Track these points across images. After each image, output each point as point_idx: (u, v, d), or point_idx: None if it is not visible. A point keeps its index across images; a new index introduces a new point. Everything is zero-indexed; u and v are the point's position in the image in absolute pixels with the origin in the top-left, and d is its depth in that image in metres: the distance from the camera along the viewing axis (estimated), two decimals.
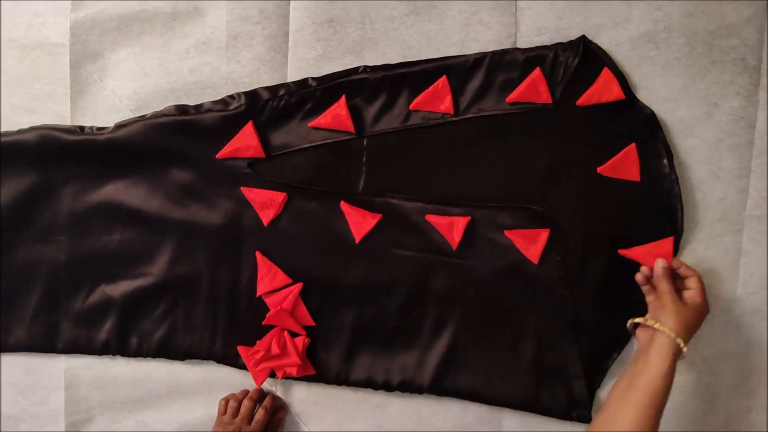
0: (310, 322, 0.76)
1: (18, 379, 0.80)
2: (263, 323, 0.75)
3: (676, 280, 0.68)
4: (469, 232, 0.73)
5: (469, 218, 0.73)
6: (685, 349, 0.62)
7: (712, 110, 0.73)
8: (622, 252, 0.72)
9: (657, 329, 0.63)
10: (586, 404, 0.75)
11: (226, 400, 0.77)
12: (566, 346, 0.74)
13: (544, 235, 0.73)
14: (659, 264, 0.68)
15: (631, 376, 0.62)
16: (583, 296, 0.74)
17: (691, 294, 0.66)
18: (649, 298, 0.70)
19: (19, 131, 0.76)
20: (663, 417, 0.76)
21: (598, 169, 0.73)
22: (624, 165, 0.72)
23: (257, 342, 0.75)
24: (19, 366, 0.80)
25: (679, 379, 0.75)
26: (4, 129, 0.76)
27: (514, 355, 0.75)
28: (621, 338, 0.75)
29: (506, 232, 0.73)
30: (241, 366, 0.76)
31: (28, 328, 0.77)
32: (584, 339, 0.74)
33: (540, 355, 0.75)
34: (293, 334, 0.75)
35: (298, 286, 0.75)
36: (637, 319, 0.67)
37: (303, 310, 0.75)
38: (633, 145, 0.72)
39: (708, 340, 0.76)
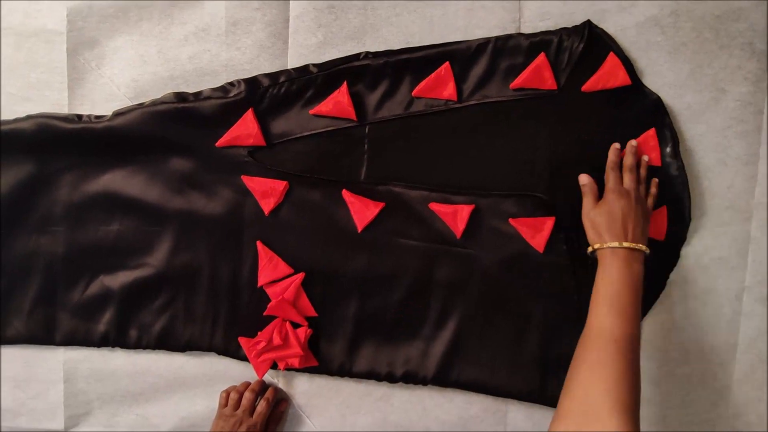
0: (312, 313, 0.75)
1: (16, 372, 0.79)
2: (264, 314, 0.74)
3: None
4: (474, 220, 0.72)
5: (473, 206, 0.72)
6: (597, 246, 0.63)
7: (720, 96, 0.72)
8: None
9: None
10: None
11: (227, 393, 0.76)
12: (572, 335, 0.73)
13: (549, 223, 0.72)
14: (583, 179, 0.69)
15: None
16: (589, 285, 0.72)
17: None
18: None
19: (16, 120, 0.74)
20: (670, 408, 0.76)
21: None
22: (644, 151, 0.71)
23: (258, 333, 0.74)
24: (17, 359, 0.79)
25: (686, 370, 0.75)
26: (1, 118, 0.75)
27: (519, 345, 0.74)
28: None
29: (511, 221, 0.72)
30: (243, 358, 0.75)
31: (27, 321, 0.76)
32: None
33: (545, 345, 0.74)
34: (295, 325, 0.74)
35: (300, 276, 0.74)
36: (589, 249, 0.66)
37: (305, 301, 0.74)
38: (653, 129, 0.71)
39: (717, 329, 0.75)
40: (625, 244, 0.61)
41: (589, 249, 0.65)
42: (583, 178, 0.69)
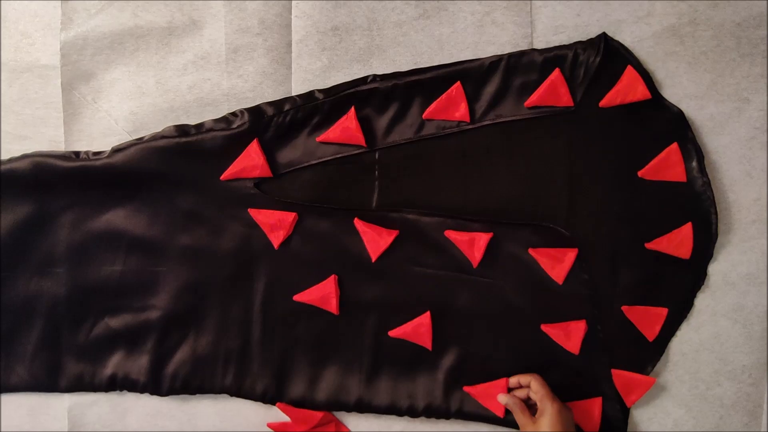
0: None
1: (20, 422, 0.76)
2: None
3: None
4: (491, 248, 0.69)
5: (491, 234, 0.69)
6: None
7: (743, 106, 0.70)
8: (648, 245, 0.69)
9: None
10: (621, 425, 0.71)
11: None
12: (598, 366, 0.71)
13: (571, 254, 0.69)
14: (502, 399, 0.68)
15: None
16: (614, 314, 0.70)
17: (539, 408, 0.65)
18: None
19: (11, 159, 0.71)
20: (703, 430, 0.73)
21: (639, 173, 0.69)
22: (667, 166, 0.69)
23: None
24: (21, 407, 0.75)
25: (718, 391, 0.73)
26: None
27: (544, 378, 0.71)
28: (654, 353, 0.72)
29: (530, 251, 0.69)
30: (256, 398, 0.73)
31: (30, 366, 0.73)
32: (616, 357, 0.71)
33: (571, 377, 0.71)
34: None
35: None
36: None
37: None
38: (675, 144, 0.68)
39: (748, 348, 0.73)
40: None
41: None
42: (503, 398, 0.68)
